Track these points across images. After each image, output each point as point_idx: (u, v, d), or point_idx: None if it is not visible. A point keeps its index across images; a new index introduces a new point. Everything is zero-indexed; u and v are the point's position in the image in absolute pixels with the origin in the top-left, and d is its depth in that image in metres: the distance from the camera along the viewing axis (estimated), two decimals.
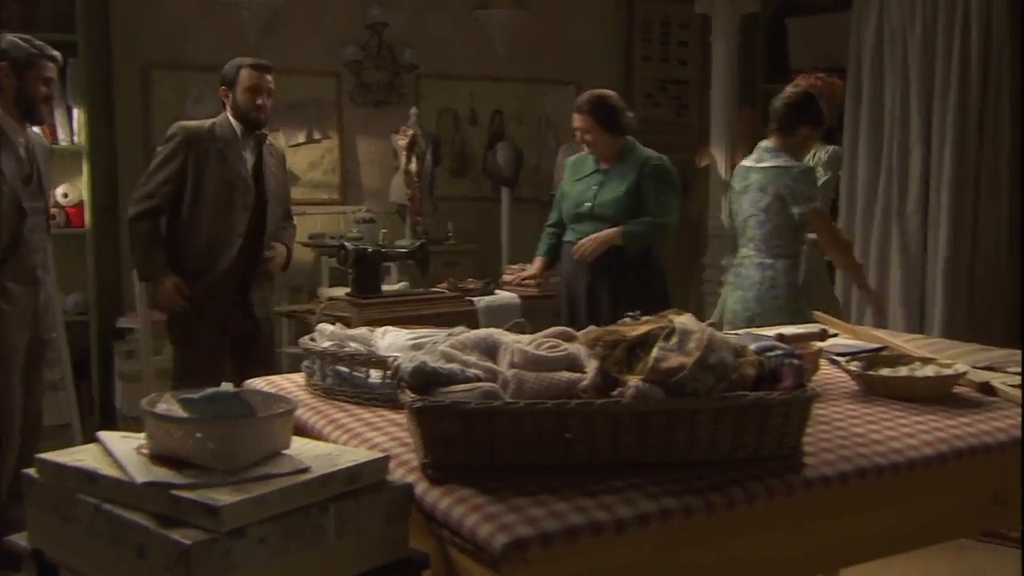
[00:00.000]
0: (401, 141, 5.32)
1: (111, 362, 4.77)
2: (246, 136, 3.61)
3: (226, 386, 1.55)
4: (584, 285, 3.83)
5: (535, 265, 4.12)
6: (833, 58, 5.44)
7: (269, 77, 3.64)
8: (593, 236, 3.74)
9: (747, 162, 3.73)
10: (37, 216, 3.21)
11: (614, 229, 3.74)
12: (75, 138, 4.63)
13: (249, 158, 3.61)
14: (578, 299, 3.86)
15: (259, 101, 3.58)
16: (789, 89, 3.74)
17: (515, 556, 1.27)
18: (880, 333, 2.66)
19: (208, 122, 3.61)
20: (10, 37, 3.18)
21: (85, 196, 4.70)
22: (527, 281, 4.13)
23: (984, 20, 4.31)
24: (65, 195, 4.68)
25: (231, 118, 3.61)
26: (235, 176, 3.55)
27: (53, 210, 4.05)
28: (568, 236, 3.92)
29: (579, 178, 3.91)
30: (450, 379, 1.52)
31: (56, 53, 3.25)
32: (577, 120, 3.84)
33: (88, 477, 1.38)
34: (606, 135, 3.81)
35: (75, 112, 4.62)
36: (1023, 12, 4.51)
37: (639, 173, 3.78)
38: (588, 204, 3.82)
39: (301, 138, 5.52)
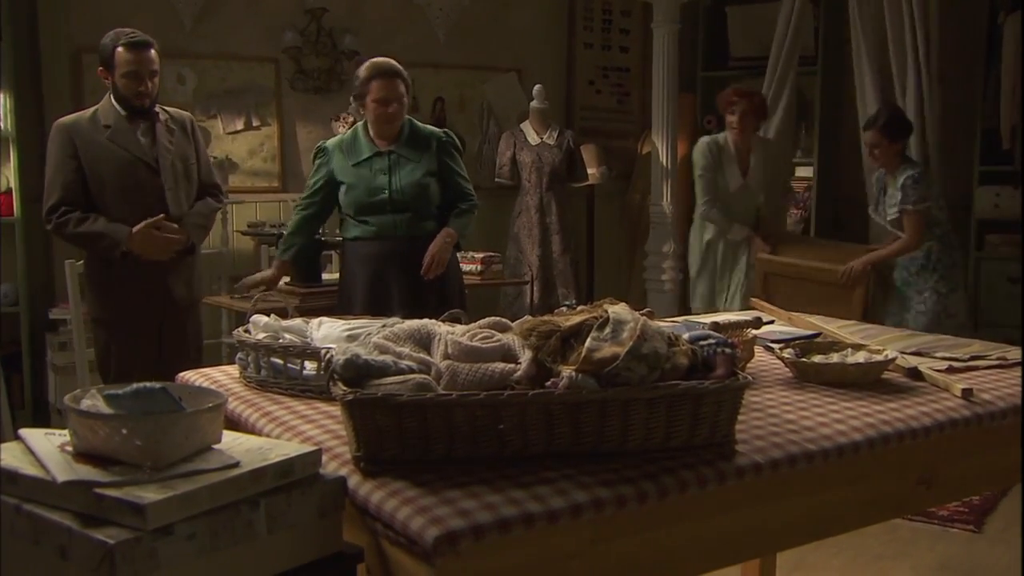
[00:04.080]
0: (341, 128, 5.27)
1: (43, 354, 4.66)
2: (135, 117, 3.28)
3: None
4: (394, 278, 3.50)
5: (275, 269, 3.71)
6: (771, 47, 5.51)
7: (152, 54, 3.24)
8: (437, 247, 3.46)
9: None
10: None
11: (448, 231, 3.51)
12: (1, 124, 4.50)
13: (143, 139, 3.29)
14: (390, 295, 3.48)
15: (141, 88, 3.22)
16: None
17: (447, 549, 1.26)
18: (814, 320, 2.70)
19: (89, 111, 3.32)
20: None
21: (13, 184, 4.57)
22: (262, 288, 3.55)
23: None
24: None
25: (114, 102, 3.28)
26: (132, 161, 3.26)
27: None
28: (354, 231, 3.53)
29: (356, 163, 3.50)
30: (383, 371, 1.51)
31: None
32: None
33: (8, 477, 1.35)
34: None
35: (1, 97, 4.48)
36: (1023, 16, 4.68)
37: (435, 152, 3.52)
38: (385, 192, 3.46)
39: (239, 125, 5.43)
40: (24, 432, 1.47)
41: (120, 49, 3.21)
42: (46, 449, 1.40)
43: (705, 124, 6.42)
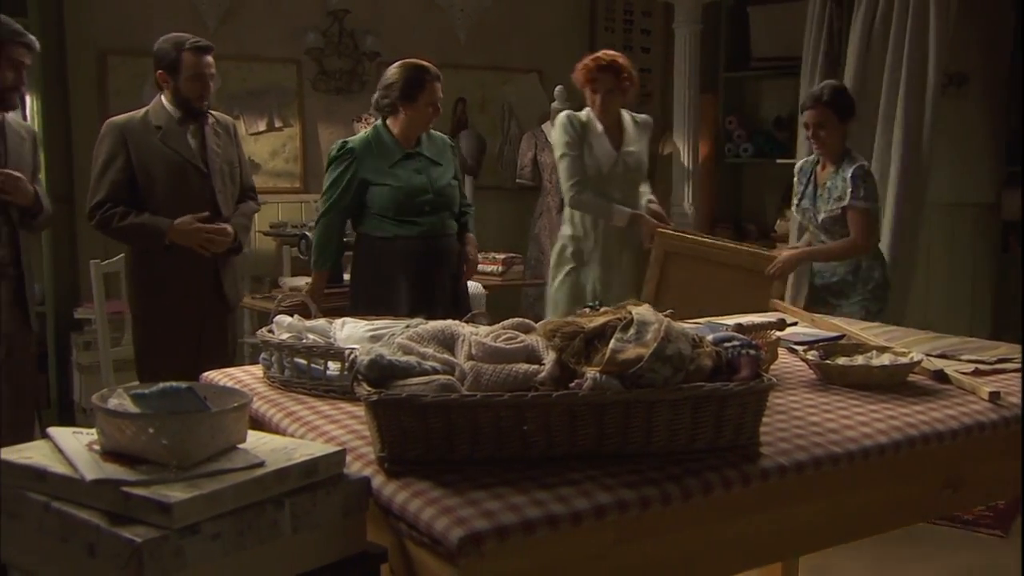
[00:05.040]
0: (363, 129, 5.28)
1: (68, 354, 4.70)
2: (185, 120, 3.38)
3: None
4: (437, 277, 3.52)
5: (317, 281, 3.67)
6: (793, 47, 5.48)
7: (211, 58, 3.37)
8: (475, 253, 3.67)
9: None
10: None
11: (470, 236, 3.68)
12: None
13: (193, 142, 3.38)
14: (434, 293, 3.48)
15: (204, 90, 3.35)
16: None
17: (471, 549, 1.27)
18: (838, 321, 2.69)
19: (140, 112, 3.39)
20: None
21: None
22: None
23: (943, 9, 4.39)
24: None
25: (167, 104, 3.37)
26: (183, 163, 3.34)
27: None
28: (392, 231, 3.47)
29: (391, 164, 3.48)
30: (407, 372, 1.51)
31: (32, 39, 3.03)
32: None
33: (37, 475, 1.36)
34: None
35: (28, 98, 4.52)
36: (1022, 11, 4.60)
37: (451, 156, 3.65)
38: (428, 193, 3.48)
39: (262, 126, 5.46)
40: (52, 431, 1.49)
41: (187, 53, 3.31)
42: (74, 448, 1.41)
43: (727, 125, 6.39)
